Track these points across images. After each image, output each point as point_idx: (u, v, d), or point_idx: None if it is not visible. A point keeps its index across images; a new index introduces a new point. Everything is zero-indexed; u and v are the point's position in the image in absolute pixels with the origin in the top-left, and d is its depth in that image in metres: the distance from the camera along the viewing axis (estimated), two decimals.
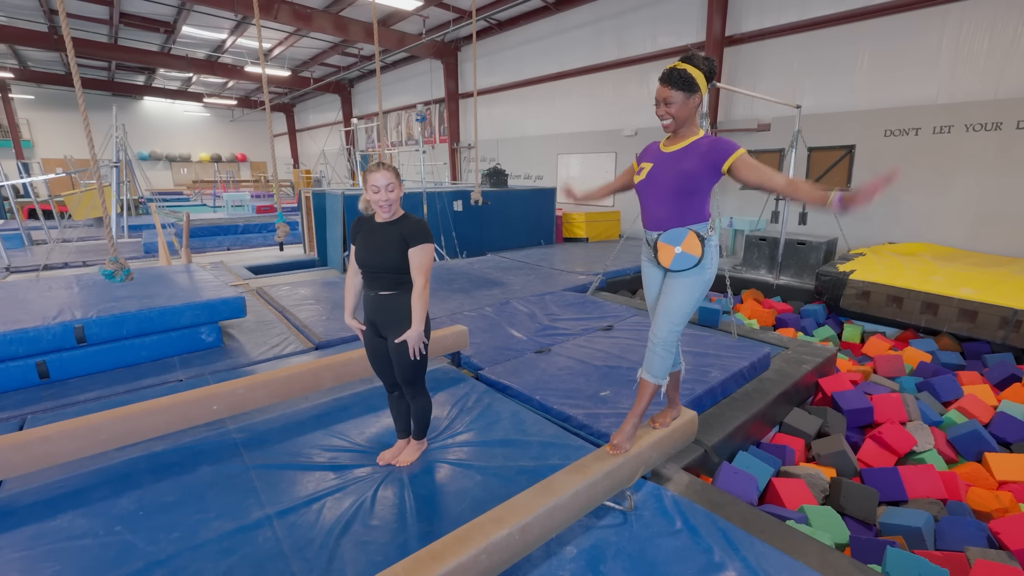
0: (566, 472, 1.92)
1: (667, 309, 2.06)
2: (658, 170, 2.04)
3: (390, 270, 2.04)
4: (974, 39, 5.88)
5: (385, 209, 2.02)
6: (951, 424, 3.35)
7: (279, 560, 1.73)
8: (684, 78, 1.90)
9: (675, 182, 1.96)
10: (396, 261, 2.03)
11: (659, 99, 1.97)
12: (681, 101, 1.93)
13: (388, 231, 2.05)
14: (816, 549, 1.86)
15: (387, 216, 2.06)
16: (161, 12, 11.47)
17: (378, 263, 2.05)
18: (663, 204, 2.02)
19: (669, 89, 1.93)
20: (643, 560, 1.76)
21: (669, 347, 2.09)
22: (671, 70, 1.93)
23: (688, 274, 2.02)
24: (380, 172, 2.00)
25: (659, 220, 2.04)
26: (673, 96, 1.93)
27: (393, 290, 2.07)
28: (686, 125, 2.00)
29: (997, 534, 2.36)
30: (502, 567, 1.61)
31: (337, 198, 6.76)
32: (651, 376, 2.13)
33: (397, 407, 2.32)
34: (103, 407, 2.68)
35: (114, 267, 3.58)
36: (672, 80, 1.91)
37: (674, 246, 2.00)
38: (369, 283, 2.11)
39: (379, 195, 2.00)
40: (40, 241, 9.09)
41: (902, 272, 5.07)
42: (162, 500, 2.04)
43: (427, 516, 1.96)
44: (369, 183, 2.00)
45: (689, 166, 1.94)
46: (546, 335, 4.02)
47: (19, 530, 1.86)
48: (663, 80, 1.94)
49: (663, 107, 1.96)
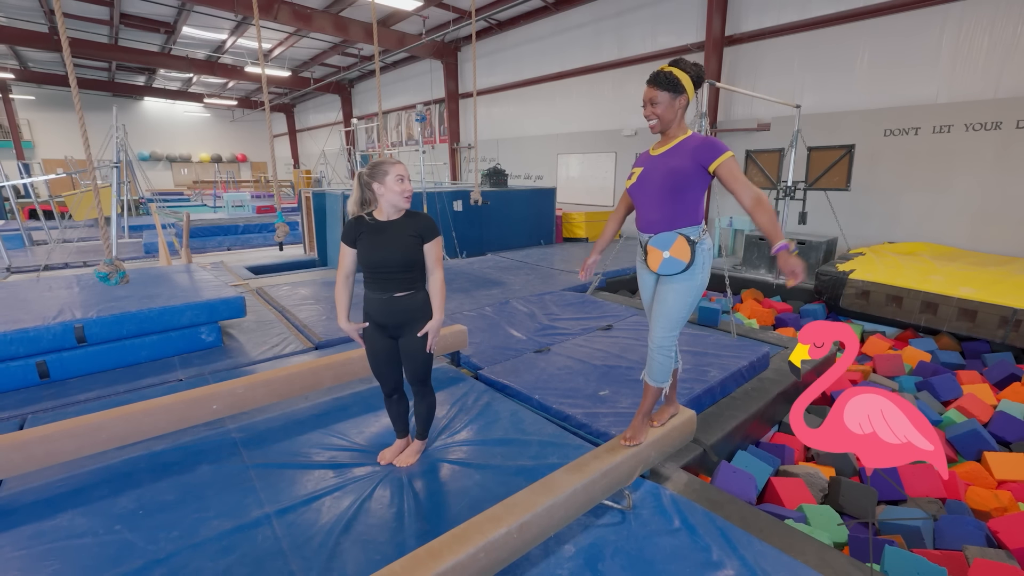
0: (564, 471, 1.92)
1: (661, 315, 2.07)
2: (648, 172, 2.06)
3: (404, 268, 1.98)
4: (974, 38, 5.87)
5: (405, 203, 1.98)
6: (950, 423, 3.35)
7: (278, 559, 1.74)
8: (670, 79, 1.95)
9: (665, 180, 1.98)
10: (411, 258, 1.98)
11: (646, 100, 2.02)
12: (667, 102, 1.98)
13: (399, 228, 1.99)
14: (815, 548, 1.86)
15: (397, 213, 2.02)
16: (161, 12, 11.48)
17: (395, 261, 1.96)
18: (655, 205, 2.03)
19: (655, 90, 1.98)
20: (641, 559, 1.76)
21: (667, 351, 2.10)
22: (658, 72, 1.99)
23: (678, 279, 2.03)
24: (401, 164, 1.98)
25: (650, 222, 2.06)
26: (659, 96, 1.98)
27: (409, 290, 2.01)
28: (673, 126, 2.04)
29: (996, 533, 2.35)
30: (500, 566, 1.61)
31: (337, 198, 6.76)
32: (652, 380, 2.15)
33: (397, 409, 2.30)
34: (103, 407, 2.69)
35: (109, 269, 3.56)
36: (658, 81, 1.97)
37: (662, 250, 2.02)
38: (381, 285, 2.00)
39: (404, 186, 1.96)
40: (41, 241, 9.10)
41: (902, 271, 5.07)
42: (162, 499, 2.05)
43: (426, 515, 1.97)
44: (395, 174, 1.94)
45: (678, 163, 1.97)
46: (545, 335, 4.02)
47: (19, 529, 1.86)
48: (650, 81, 2.00)
49: (649, 107, 2.01)
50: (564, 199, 11.04)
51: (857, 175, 6.86)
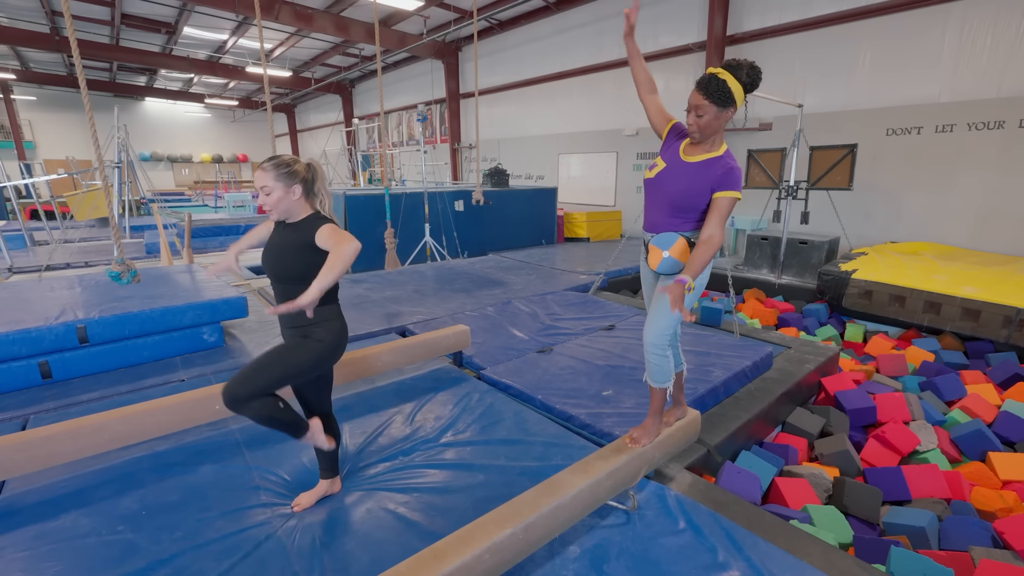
0: (569, 471, 1.91)
1: (654, 314, 2.05)
2: (668, 175, 1.99)
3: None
4: (976, 38, 5.86)
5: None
6: (954, 423, 3.34)
7: (281, 559, 1.73)
8: (722, 90, 1.79)
9: (678, 196, 1.94)
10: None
11: (691, 105, 1.86)
12: (713, 114, 1.83)
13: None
14: (820, 549, 1.85)
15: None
16: (162, 13, 11.48)
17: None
18: (663, 211, 2.01)
19: (703, 98, 1.82)
20: (646, 560, 1.76)
21: (661, 351, 2.06)
22: (710, 77, 1.80)
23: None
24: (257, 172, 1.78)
25: (655, 223, 2.05)
26: (706, 107, 1.82)
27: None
28: (712, 139, 1.92)
29: (1002, 534, 2.35)
30: (505, 567, 1.60)
31: (339, 198, 6.76)
32: (653, 381, 2.13)
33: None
34: (106, 407, 2.68)
35: (121, 268, 3.59)
36: (708, 90, 1.80)
37: (663, 250, 2.00)
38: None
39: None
40: (42, 242, 9.10)
41: (904, 271, 5.05)
42: (165, 500, 2.04)
43: (431, 515, 1.96)
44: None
45: (697, 185, 1.90)
46: (548, 335, 4.01)
47: (22, 530, 1.86)
48: (700, 86, 1.83)
49: (693, 116, 1.87)
50: (565, 199, 11.04)
51: (859, 175, 6.85)
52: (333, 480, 2.09)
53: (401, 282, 5.75)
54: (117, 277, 3.39)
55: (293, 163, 1.78)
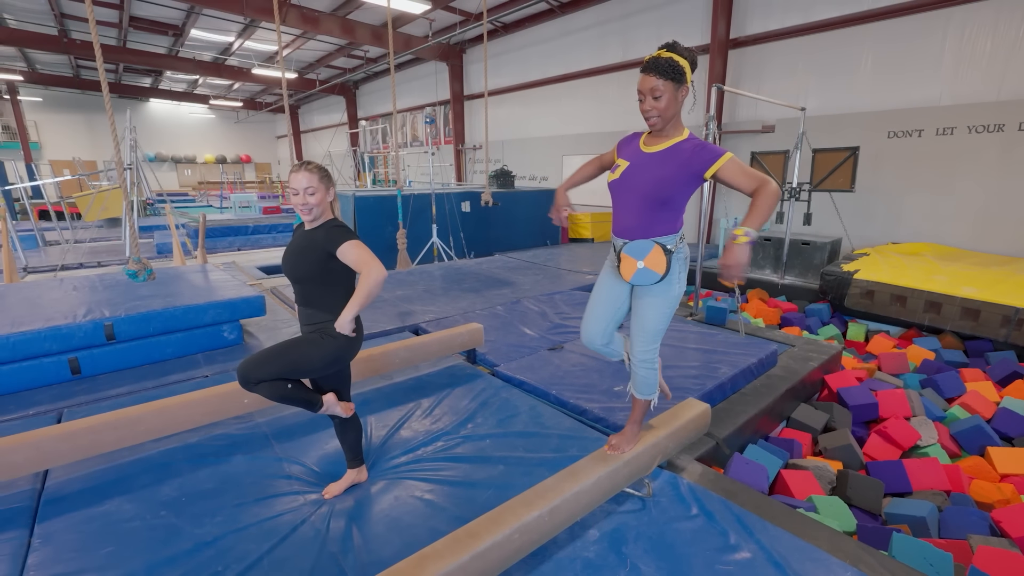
0: (589, 460, 2.02)
1: (640, 329, 2.00)
2: (634, 171, 1.86)
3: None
4: (977, 41, 5.96)
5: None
6: (954, 419, 3.43)
7: (317, 542, 1.83)
8: (673, 67, 1.69)
9: (650, 189, 1.80)
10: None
11: (644, 91, 1.74)
12: (671, 93, 1.72)
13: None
14: (826, 534, 1.95)
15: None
16: (170, 15, 11.60)
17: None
18: (635, 212, 1.86)
19: (656, 78, 1.70)
20: (662, 542, 1.86)
21: (650, 364, 2.06)
22: (656, 58, 1.72)
23: (655, 292, 1.91)
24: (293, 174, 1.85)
25: (627, 228, 1.90)
26: (661, 87, 1.71)
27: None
28: (672, 122, 1.80)
29: (999, 523, 2.44)
30: (532, 546, 1.70)
31: (348, 199, 6.86)
32: (639, 393, 2.11)
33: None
34: (133, 401, 2.80)
35: (137, 267, 3.69)
36: (659, 68, 1.69)
37: (637, 260, 1.86)
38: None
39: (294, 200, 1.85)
40: (53, 242, 9.21)
41: (905, 272, 5.15)
42: (202, 488, 2.14)
43: (456, 501, 2.06)
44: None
45: (669, 172, 1.78)
46: (558, 332, 4.11)
47: (70, 515, 1.96)
48: (649, 69, 1.72)
49: (650, 100, 1.74)
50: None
51: (861, 176, 6.96)
52: (360, 469, 2.19)
53: (411, 282, 5.85)
54: (134, 275, 3.51)
55: (325, 167, 1.89)
